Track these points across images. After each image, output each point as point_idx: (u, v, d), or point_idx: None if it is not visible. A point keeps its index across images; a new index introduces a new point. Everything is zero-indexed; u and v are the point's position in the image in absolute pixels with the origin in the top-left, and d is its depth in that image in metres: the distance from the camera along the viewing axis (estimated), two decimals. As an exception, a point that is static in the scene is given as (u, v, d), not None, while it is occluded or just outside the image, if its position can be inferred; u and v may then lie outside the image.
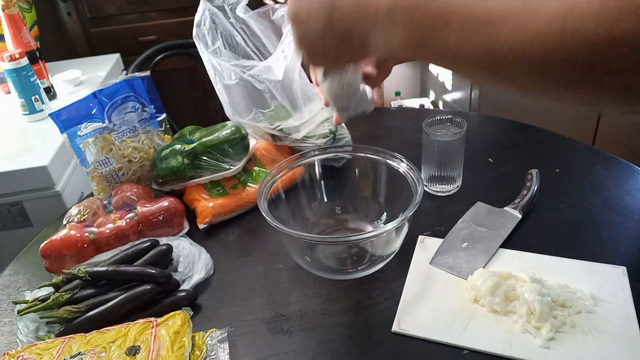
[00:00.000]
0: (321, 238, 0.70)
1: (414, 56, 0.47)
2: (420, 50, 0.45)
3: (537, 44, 0.38)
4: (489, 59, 0.41)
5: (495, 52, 0.40)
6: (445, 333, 0.64)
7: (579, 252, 0.74)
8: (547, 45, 0.37)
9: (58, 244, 0.78)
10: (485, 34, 0.41)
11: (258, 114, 0.98)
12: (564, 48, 0.37)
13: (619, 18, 0.35)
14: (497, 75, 0.43)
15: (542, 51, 0.38)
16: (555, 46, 0.37)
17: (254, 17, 0.96)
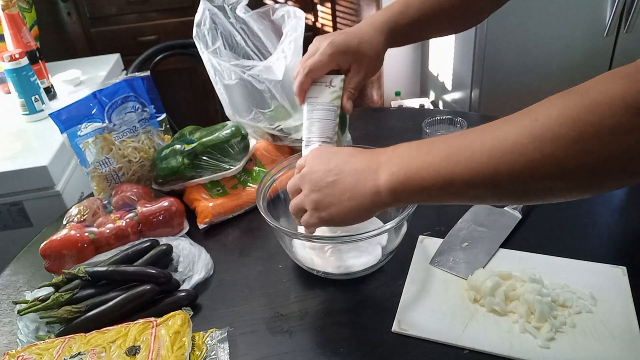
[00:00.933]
0: (320, 238, 0.70)
1: (415, 188, 0.52)
2: (417, 179, 0.51)
3: (517, 154, 0.44)
4: (481, 180, 0.47)
5: (484, 172, 0.47)
6: (445, 333, 0.64)
7: (579, 252, 0.74)
8: (527, 153, 0.43)
9: (58, 244, 0.78)
10: (470, 159, 0.47)
11: (258, 114, 0.98)
12: (542, 151, 0.43)
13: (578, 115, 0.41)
14: (496, 190, 0.48)
15: (525, 158, 0.44)
16: (534, 151, 0.43)
17: (254, 17, 0.96)
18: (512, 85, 1.99)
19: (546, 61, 1.94)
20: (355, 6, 2.45)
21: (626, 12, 1.83)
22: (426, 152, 0.51)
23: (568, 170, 0.43)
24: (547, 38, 1.90)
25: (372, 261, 0.72)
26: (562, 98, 0.44)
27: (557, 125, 0.42)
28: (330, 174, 0.57)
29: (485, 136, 0.47)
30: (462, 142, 0.49)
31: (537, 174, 0.44)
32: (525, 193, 0.47)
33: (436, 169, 0.49)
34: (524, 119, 0.45)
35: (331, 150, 0.61)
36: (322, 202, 0.58)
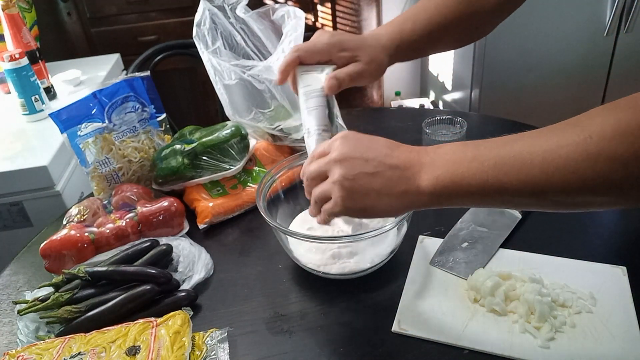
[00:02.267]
0: (320, 238, 0.70)
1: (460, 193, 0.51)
2: (463, 185, 0.50)
3: (570, 171, 0.44)
4: (530, 191, 0.47)
5: (535, 184, 0.47)
6: (445, 333, 0.64)
7: (579, 252, 0.74)
8: (580, 170, 0.44)
9: (58, 244, 0.78)
10: (520, 171, 0.47)
11: (258, 114, 0.98)
12: (595, 171, 0.43)
13: (635, 136, 0.41)
14: (544, 201, 0.48)
15: (577, 176, 0.44)
16: (587, 170, 0.44)
17: (254, 17, 0.96)
18: (512, 85, 1.99)
19: (546, 61, 1.94)
20: (355, 6, 2.45)
21: (626, 12, 1.83)
22: (472, 157, 0.50)
23: (620, 188, 0.44)
24: (547, 38, 1.90)
25: (372, 261, 0.72)
26: (614, 112, 0.44)
27: (613, 145, 0.42)
28: (368, 164, 0.54)
29: (535, 147, 0.47)
30: (510, 151, 0.48)
31: (589, 191, 0.45)
32: (573, 205, 0.48)
33: (484, 177, 0.49)
34: (576, 133, 0.45)
35: (367, 138, 0.58)
36: (358, 192, 0.54)
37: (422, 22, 0.74)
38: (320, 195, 0.57)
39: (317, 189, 0.58)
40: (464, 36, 0.79)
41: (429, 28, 0.74)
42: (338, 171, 0.55)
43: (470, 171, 0.50)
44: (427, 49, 0.79)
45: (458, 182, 0.50)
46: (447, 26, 0.74)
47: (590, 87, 1.98)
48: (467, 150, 0.51)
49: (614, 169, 0.43)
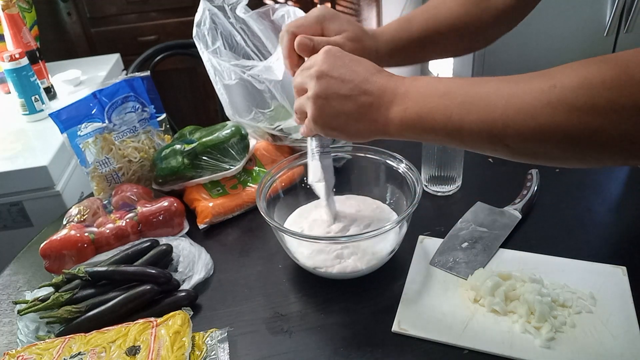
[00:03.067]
0: (320, 237, 0.70)
1: (424, 127, 0.53)
2: (428, 119, 0.52)
3: (529, 116, 0.45)
4: (488, 132, 0.48)
5: (494, 126, 0.47)
6: (445, 333, 0.64)
7: (579, 252, 0.74)
8: (539, 117, 0.44)
9: (58, 244, 0.78)
10: (483, 111, 0.48)
11: (258, 114, 0.98)
12: (553, 119, 0.44)
13: (598, 89, 0.41)
14: (498, 145, 0.49)
15: (535, 122, 0.45)
16: (546, 117, 0.44)
17: (254, 17, 0.96)
18: (512, 85, 1.99)
19: (546, 61, 1.93)
20: (355, 6, 2.45)
21: (626, 12, 1.83)
22: (442, 93, 0.51)
23: (574, 139, 0.44)
24: (547, 38, 1.90)
25: (372, 261, 0.72)
26: (584, 65, 0.44)
27: (573, 95, 0.43)
28: (344, 86, 0.55)
29: (503, 91, 0.48)
30: (478, 91, 0.49)
31: (544, 138, 0.45)
32: (526, 153, 0.48)
33: (448, 114, 0.50)
34: (543, 82, 0.45)
35: (349, 58, 0.57)
36: (328, 112, 0.55)
37: (419, 24, 0.73)
38: (298, 107, 0.60)
39: (297, 101, 0.60)
40: (466, 42, 0.78)
41: (425, 32, 0.73)
42: (313, 87, 0.56)
43: (438, 106, 0.51)
44: (425, 53, 0.77)
45: (424, 116, 0.52)
46: (447, 31, 0.74)
47: (590, 87, 1.98)
48: (440, 85, 0.52)
49: (570, 118, 0.43)
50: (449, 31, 0.74)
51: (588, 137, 0.43)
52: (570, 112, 0.43)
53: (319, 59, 0.57)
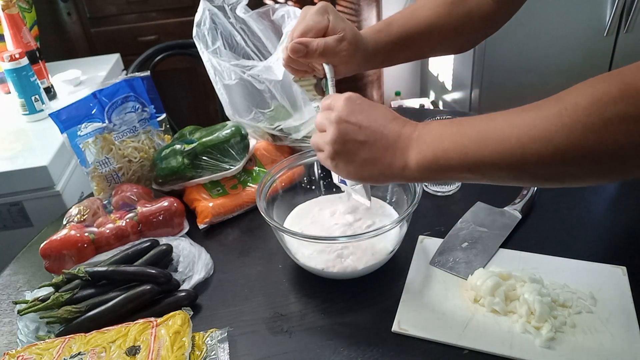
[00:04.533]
0: (320, 237, 0.70)
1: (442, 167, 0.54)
2: (444, 159, 0.53)
3: (546, 140, 0.46)
4: (507, 163, 0.49)
5: (512, 156, 0.48)
6: (445, 333, 0.64)
7: (579, 252, 0.74)
8: (555, 140, 0.45)
9: (58, 244, 0.78)
10: (498, 143, 0.49)
11: (258, 114, 0.98)
12: (570, 139, 0.45)
13: (608, 104, 0.43)
14: (520, 174, 0.50)
15: (553, 145, 0.46)
16: (562, 139, 0.45)
17: (254, 17, 0.96)
18: (512, 85, 1.99)
19: (546, 61, 1.95)
20: (355, 6, 2.45)
21: (626, 12, 1.83)
22: (455, 132, 0.52)
23: (593, 156, 0.45)
24: (547, 38, 1.90)
25: (372, 261, 0.72)
26: (590, 85, 0.45)
27: (586, 115, 0.44)
28: (361, 132, 0.56)
29: (514, 122, 0.49)
30: (490, 126, 0.50)
31: (563, 160, 0.46)
32: (549, 177, 0.49)
33: (464, 151, 0.51)
34: (553, 107, 0.46)
35: (368, 105, 0.59)
36: (343, 156, 0.57)
37: (399, 27, 0.73)
38: (315, 145, 0.61)
39: (314, 139, 0.61)
40: (450, 42, 0.78)
41: (405, 34, 0.73)
42: (331, 131, 0.57)
43: (452, 146, 0.52)
44: (404, 52, 0.76)
45: (440, 156, 0.53)
46: (427, 31, 0.74)
47: (590, 87, 1.98)
48: (452, 125, 0.53)
49: (586, 137, 0.44)
50: (429, 32, 0.74)
51: (607, 153, 0.44)
52: (585, 130, 0.44)
53: (340, 104, 0.58)
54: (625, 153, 0.44)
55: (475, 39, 0.80)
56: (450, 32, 0.75)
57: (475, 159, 0.50)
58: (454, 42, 0.78)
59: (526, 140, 0.47)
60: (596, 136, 0.44)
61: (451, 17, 0.74)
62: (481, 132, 0.50)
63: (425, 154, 0.54)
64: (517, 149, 0.48)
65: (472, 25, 0.76)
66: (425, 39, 0.75)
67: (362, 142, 0.56)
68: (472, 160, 0.51)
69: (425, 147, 0.54)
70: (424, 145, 0.54)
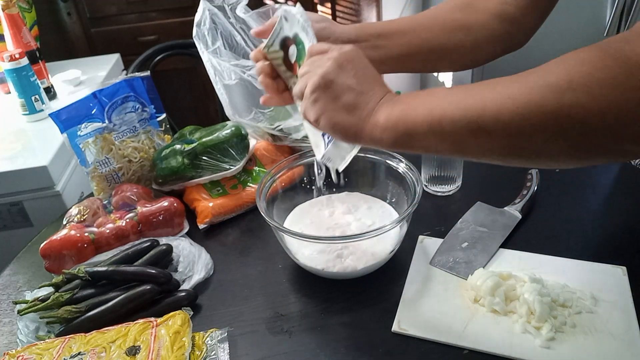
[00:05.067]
0: (320, 237, 0.70)
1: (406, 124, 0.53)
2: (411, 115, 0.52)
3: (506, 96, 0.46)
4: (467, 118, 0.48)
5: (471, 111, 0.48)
6: (445, 333, 0.64)
7: (579, 252, 0.74)
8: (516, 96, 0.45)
9: (58, 244, 0.78)
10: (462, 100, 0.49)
11: (258, 114, 0.98)
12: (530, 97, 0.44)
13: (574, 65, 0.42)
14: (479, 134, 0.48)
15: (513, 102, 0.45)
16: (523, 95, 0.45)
17: (254, 17, 0.96)
18: (512, 85, 1.99)
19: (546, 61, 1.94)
20: (355, 6, 2.45)
21: (626, 12, 1.83)
22: (428, 93, 0.53)
23: (556, 121, 0.43)
24: (547, 38, 1.90)
25: (372, 261, 0.72)
26: (566, 56, 0.45)
27: (550, 75, 0.43)
28: (354, 78, 0.55)
29: (483, 84, 0.49)
30: (461, 87, 0.51)
31: (523, 120, 0.45)
32: (510, 145, 0.47)
33: (430, 106, 0.51)
34: (524, 73, 0.47)
35: (366, 61, 0.58)
36: (329, 92, 0.55)
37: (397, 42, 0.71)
38: (302, 82, 0.58)
39: (298, 86, 0.59)
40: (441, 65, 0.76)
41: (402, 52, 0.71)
42: (328, 65, 0.55)
43: (420, 102, 0.52)
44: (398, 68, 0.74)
45: (408, 111, 0.52)
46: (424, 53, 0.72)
47: (590, 87, 1.98)
48: (425, 91, 0.54)
49: (546, 95, 0.43)
50: (428, 52, 0.72)
51: (567, 115, 0.42)
52: (547, 88, 0.43)
53: (344, 49, 0.57)
54: (588, 118, 0.41)
55: (477, 62, 0.78)
56: (449, 55, 0.73)
57: (439, 114, 0.50)
58: (452, 64, 0.77)
59: (488, 95, 0.47)
60: (556, 95, 0.42)
61: (452, 42, 0.72)
62: (449, 91, 0.51)
63: (394, 110, 0.53)
64: (478, 104, 0.47)
65: (475, 50, 0.74)
66: (423, 59, 0.73)
67: (350, 86, 0.55)
68: (436, 116, 0.50)
69: (397, 105, 0.54)
70: (397, 104, 0.54)
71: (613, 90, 0.40)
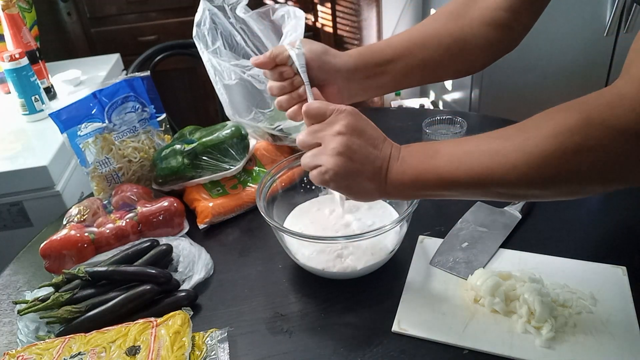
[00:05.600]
0: (320, 237, 0.70)
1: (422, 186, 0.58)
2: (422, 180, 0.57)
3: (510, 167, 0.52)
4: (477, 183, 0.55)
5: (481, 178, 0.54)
6: (445, 333, 0.64)
7: (579, 252, 0.74)
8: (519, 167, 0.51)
9: (58, 244, 0.78)
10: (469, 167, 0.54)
11: (258, 114, 0.98)
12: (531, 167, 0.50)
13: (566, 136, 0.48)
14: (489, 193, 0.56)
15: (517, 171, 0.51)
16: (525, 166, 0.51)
17: (254, 17, 0.96)
18: (512, 85, 1.99)
19: (546, 61, 1.94)
20: (355, 6, 2.45)
21: (626, 12, 1.83)
22: (431, 155, 0.57)
23: (553, 183, 0.51)
24: (547, 38, 1.90)
25: (372, 261, 0.72)
26: (552, 115, 0.51)
27: (546, 144, 0.49)
28: (365, 149, 0.58)
29: (482, 147, 0.54)
30: (462, 150, 0.56)
31: (526, 184, 0.52)
32: (514, 196, 0.56)
33: (439, 172, 0.56)
34: (517, 135, 0.52)
35: (365, 120, 0.59)
36: (348, 169, 0.57)
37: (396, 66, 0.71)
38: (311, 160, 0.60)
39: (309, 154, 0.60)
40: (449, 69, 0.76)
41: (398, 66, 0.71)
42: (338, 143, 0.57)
43: (429, 167, 0.57)
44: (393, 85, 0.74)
45: (418, 176, 0.57)
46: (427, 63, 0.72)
47: (590, 87, 1.97)
48: (430, 148, 0.58)
49: (545, 164, 0.49)
50: (426, 69, 0.72)
51: (564, 178, 0.50)
52: (545, 158, 0.49)
53: (346, 118, 0.58)
54: (582, 179, 0.50)
55: (473, 70, 0.77)
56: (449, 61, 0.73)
57: (450, 180, 0.55)
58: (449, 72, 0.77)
59: (494, 166, 0.52)
60: (555, 164, 0.49)
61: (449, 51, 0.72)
62: (453, 155, 0.56)
63: (406, 174, 0.58)
64: (485, 174, 0.53)
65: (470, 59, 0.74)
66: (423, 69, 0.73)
67: (366, 158, 0.57)
68: (447, 180, 0.56)
69: (406, 168, 0.58)
70: (405, 166, 0.58)
71: (604, 155, 0.48)
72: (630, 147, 0.46)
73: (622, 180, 0.50)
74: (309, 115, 0.60)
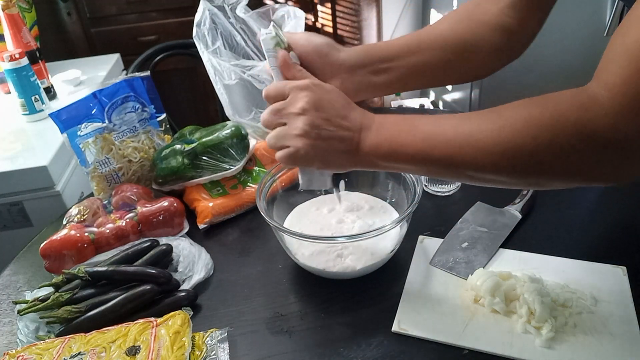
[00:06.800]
0: (320, 237, 0.70)
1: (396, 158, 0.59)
2: (399, 152, 0.58)
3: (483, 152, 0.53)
4: (450, 164, 0.56)
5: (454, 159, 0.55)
6: (445, 333, 0.64)
7: (579, 252, 0.74)
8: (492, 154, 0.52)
9: (58, 244, 0.78)
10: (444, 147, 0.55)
11: (258, 114, 0.98)
12: (504, 155, 0.52)
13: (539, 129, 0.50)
14: (460, 175, 0.57)
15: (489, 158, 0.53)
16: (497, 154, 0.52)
17: (254, 17, 0.96)
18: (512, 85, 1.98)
19: (546, 61, 1.94)
20: (355, 6, 2.45)
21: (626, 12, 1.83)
22: (408, 130, 0.57)
23: (523, 173, 0.53)
24: (547, 38, 1.89)
25: (372, 261, 0.72)
26: (528, 107, 0.52)
27: (519, 136, 0.50)
28: (330, 123, 0.58)
29: (459, 129, 0.55)
30: (438, 129, 0.56)
31: (496, 170, 0.53)
32: (484, 180, 0.56)
33: (415, 148, 0.56)
34: (494, 122, 0.53)
35: (324, 90, 0.59)
36: (318, 148, 0.58)
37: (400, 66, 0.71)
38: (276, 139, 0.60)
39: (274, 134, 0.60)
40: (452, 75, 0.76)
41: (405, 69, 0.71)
42: (302, 122, 0.57)
43: (406, 142, 0.57)
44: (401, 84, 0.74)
45: (394, 149, 0.58)
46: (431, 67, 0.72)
47: (590, 87, 1.98)
48: (407, 122, 0.59)
49: (518, 154, 0.51)
50: (431, 72, 0.72)
51: (533, 169, 0.52)
52: (517, 148, 0.51)
53: (302, 95, 0.58)
54: (548, 173, 0.52)
55: (480, 75, 0.79)
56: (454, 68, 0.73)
57: (423, 158, 0.56)
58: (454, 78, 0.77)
59: (466, 148, 0.53)
60: (526, 156, 0.51)
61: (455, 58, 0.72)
62: (430, 133, 0.56)
63: (381, 146, 0.58)
64: (457, 154, 0.54)
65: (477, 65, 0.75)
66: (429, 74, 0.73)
67: (331, 134, 0.57)
68: (420, 156, 0.56)
69: (382, 140, 0.58)
70: (381, 137, 0.58)
71: (572, 155, 0.49)
72: (598, 150, 0.48)
73: (585, 178, 0.52)
74: (268, 97, 0.60)
